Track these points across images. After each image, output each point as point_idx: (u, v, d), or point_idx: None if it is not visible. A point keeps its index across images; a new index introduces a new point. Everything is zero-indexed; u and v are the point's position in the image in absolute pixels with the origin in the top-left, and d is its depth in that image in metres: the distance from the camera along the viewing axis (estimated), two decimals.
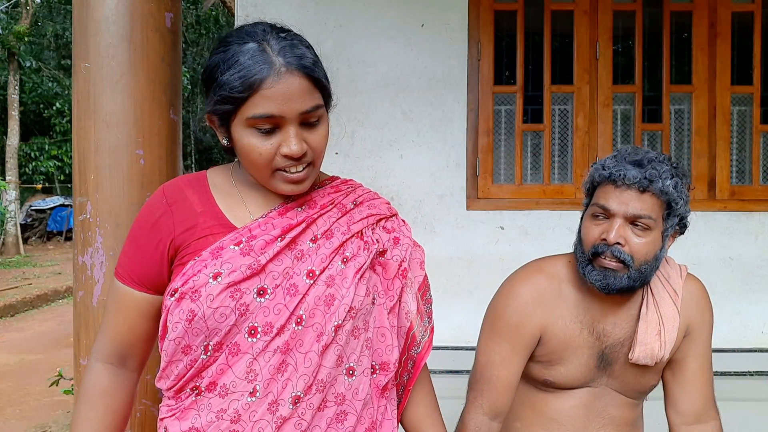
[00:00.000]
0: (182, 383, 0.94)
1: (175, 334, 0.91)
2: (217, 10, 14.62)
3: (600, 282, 1.24)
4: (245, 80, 0.87)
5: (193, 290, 0.90)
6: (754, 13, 2.91)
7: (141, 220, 0.99)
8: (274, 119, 0.89)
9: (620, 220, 1.22)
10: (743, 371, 2.57)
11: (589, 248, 1.26)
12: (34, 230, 15.12)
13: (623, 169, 1.22)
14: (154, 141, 1.47)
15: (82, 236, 1.46)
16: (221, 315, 0.89)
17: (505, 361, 1.32)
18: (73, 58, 1.47)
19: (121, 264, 1.00)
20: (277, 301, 0.92)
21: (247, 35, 0.91)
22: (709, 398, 1.35)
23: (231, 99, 0.89)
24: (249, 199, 1.00)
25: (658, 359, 1.29)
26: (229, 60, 0.89)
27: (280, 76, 0.88)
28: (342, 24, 2.76)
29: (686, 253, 2.77)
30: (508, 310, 1.33)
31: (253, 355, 0.91)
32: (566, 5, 2.88)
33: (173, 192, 0.99)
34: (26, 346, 5.89)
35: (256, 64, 0.87)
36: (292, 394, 0.91)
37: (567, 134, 3.08)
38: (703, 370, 1.35)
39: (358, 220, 1.03)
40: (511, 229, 2.81)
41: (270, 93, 0.87)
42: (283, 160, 0.92)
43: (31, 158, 15.26)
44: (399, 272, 1.05)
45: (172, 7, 1.52)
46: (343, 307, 0.94)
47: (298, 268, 0.94)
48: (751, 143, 2.96)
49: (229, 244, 0.93)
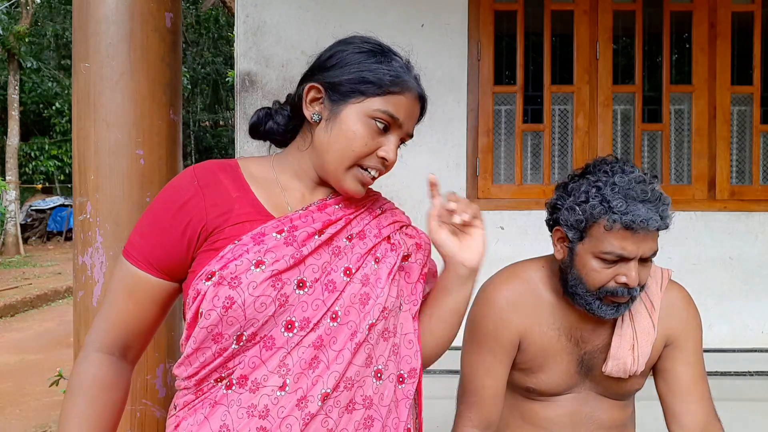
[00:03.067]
0: (206, 372, 0.90)
1: (209, 322, 0.86)
2: (217, 10, 14.62)
3: (613, 314, 1.21)
4: (395, 80, 0.94)
5: (233, 276, 0.86)
6: (754, 13, 2.91)
7: (166, 200, 0.93)
8: (395, 123, 0.95)
9: (635, 262, 1.16)
10: (743, 371, 2.57)
11: (596, 287, 1.20)
12: (34, 230, 15.12)
13: (637, 211, 1.12)
14: (154, 141, 1.47)
15: (82, 236, 1.46)
16: (261, 304, 0.87)
17: (488, 371, 1.30)
18: (73, 58, 1.47)
19: (135, 246, 0.94)
20: (315, 296, 0.91)
21: (389, 48, 0.99)
22: (710, 409, 1.30)
23: (374, 85, 0.92)
24: (288, 191, 0.99)
25: (631, 373, 1.27)
26: (382, 58, 0.95)
27: (414, 96, 0.97)
28: (342, 24, 2.76)
29: (686, 253, 2.77)
30: (485, 319, 1.30)
31: (287, 350, 0.89)
32: (566, 5, 2.88)
33: (205, 174, 0.95)
34: (26, 346, 5.89)
35: (405, 75, 0.96)
36: (321, 391, 0.89)
37: (567, 134, 3.08)
38: (698, 378, 1.30)
39: (387, 225, 1.05)
40: (511, 229, 2.81)
41: (405, 102, 0.95)
42: (373, 160, 0.97)
43: (31, 158, 15.27)
44: (421, 275, 1.06)
45: (172, 7, 1.52)
46: (377, 306, 0.95)
47: (336, 264, 0.94)
48: (751, 143, 2.96)
49: (272, 231, 0.91)
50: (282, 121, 1.02)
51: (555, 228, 1.28)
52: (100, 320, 0.97)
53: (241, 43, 2.76)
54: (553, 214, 1.29)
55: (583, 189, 1.19)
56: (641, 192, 1.14)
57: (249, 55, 2.76)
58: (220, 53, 17.33)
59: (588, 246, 1.19)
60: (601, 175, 1.19)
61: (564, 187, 1.26)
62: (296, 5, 2.77)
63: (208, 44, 17.12)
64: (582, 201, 1.18)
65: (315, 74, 0.97)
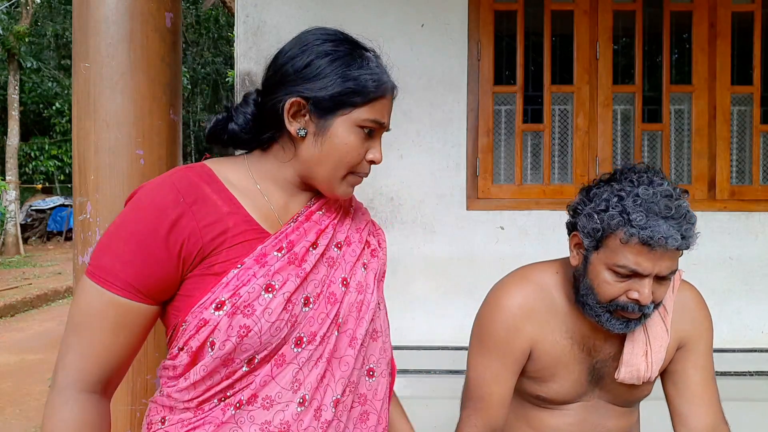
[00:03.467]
0: (211, 394, 0.87)
1: (223, 352, 0.84)
2: (217, 10, 14.62)
3: (621, 329, 1.19)
4: (378, 85, 0.92)
5: (246, 304, 0.83)
6: (754, 13, 2.91)
7: (150, 220, 0.84)
8: (379, 126, 0.95)
9: (650, 279, 1.12)
10: (743, 371, 2.57)
11: (607, 300, 1.17)
12: (34, 230, 15.12)
13: (658, 228, 1.07)
14: (154, 141, 1.47)
15: (82, 236, 1.45)
16: (276, 329, 0.86)
17: (496, 378, 1.27)
18: (73, 58, 1.47)
19: (114, 273, 0.84)
20: (320, 310, 0.92)
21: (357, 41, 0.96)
22: (718, 413, 1.27)
23: (361, 96, 0.91)
24: (272, 199, 0.95)
25: (645, 379, 1.25)
26: (360, 61, 0.93)
27: (391, 93, 0.97)
28: (342, 24, 2.74)
29: (686, 253, 2.76)
30: (496, 324, 1.27)
31: (298, 365, 0.90)
32: (566, 5, 2.88)
33: (190, 188, 0.87)
34: (26, 346, 5.88)
35: (383, 74, 0.95)
36: (333, 398, 0.92)
37: (567, 134, 3.08)
38: (707, 382, 1.28)
39: (363, 227, 1.05)
40: (511, 229, 2.81)
41: (386, 103, 0.95)
42: (364, 165, 0.97)
43: (31, 158, 15.27)
44: (382, 275, 1.09)
45: (172, 7, 1.52)
46: (370, 311, 0.98)
47: (334, 276, 0.95)
48: (751, 143, 2.96)
49: (272, 250, 0.88)
50: (243, 123, 0.96)
51: (573, 233, 1.24)
52: (75, 357, 0.86)
53: (241, 43, 2.77)
54: (573, 218, 1.24)
55: (605, 197, 1.14)
56: (665, 207, 1.08)
57: (249, 55, 2.76)
58: (220, 53, 17.33)
59: (603, 256, 1.15)
60: (626, 184, 1.13)
61: (587, 191, 1.21)
62: (296, 5, 2.77)
63: (208, 44, 17.12)
64: (602, 209, 1.14)
65: (290, 85, 0.91)
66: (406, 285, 2.79)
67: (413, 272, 2.80)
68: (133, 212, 0.86)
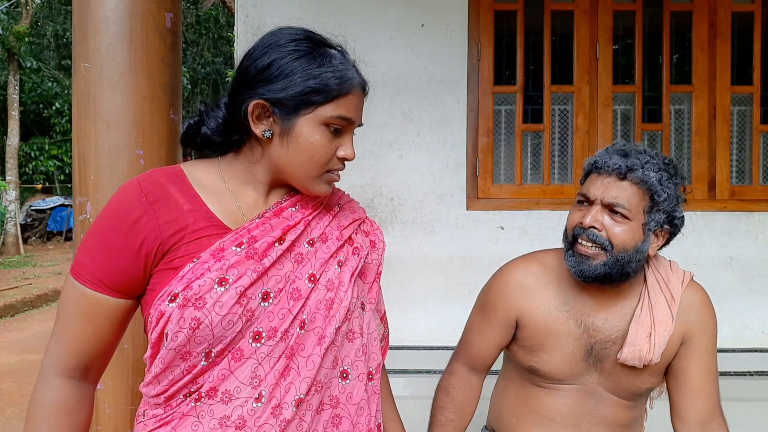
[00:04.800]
0: (175, 389, 0.90)
1: (176, 343, 0.86)
2: (217, 10, 14.62)
3: (575, 268, 1.27)
4: (342, 82, 0.92)
5: (197, 297, 0.85)
6: (754, 13, 2.91)
7: (114, 218, 0.89)
8: (348, 123, 0.94)
9: (598, 206, 1.25)
10: (743, 371, 2.57)
11: (570, 233, 1.30)
12: (34, 230, 15.12)
13: (608, 157, 1.25)
14: (154, 141, 1.47)
15: (82, 236, 1.45)
16: (229, 323, 0.86)
17: (479, 330, 1.44)
18: (73, 58, 1.47)
19: (86, 267, 0.90)
20: (281, 306, 0.91)
21: (321, 39, 0.95)
22: (714, 406, 1.33)
23: (323, 94, 0.90)
24: (240, 197, 0.96)
25: (646, 362, 1.29)
26: (321, 59, 0.92)
27: (359, 89, 0.95)
28: (342, 24, 2.76)
29: (686, 253, 2.77)
30: (491, 289, 1.43)
31: (257, 361, 0.90)
32: (566, 5, 2.88)
33: (154, 188, 0.91)
34: (26, 346, 5.88)
35: (348, 71, 0.93)
36: (295, 397, 0.91)
37: (567, 134, 3.08)
38: (707, 377, 1.33)
39: (347, 225, 1.04)
40: (511, 229, 2.81)
41: (353, 99, 0.94)
42: (336, 163, 0.96)
43: (31, 158, 15.27)
44: (376, 275, 1.08)
45: (172, 7, 1.52)
46: (342, 309, 0.96)
47: (300, 272, 0.94)
48: (751, 143, 2.96)
49: (230, 245, 0.89)
50: (215, 126, 0.97)
51: None
52: (55, 344, 0.93)
53: (241, 43, 2.77)
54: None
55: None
56: (622, 146, 1.28)
57: None
58: (220, 53, 17.33)
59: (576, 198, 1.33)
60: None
61: None
62: (296, 5, 2.77)
63: (208, 44, 17.12)
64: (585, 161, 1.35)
65: (253, 86, 0.92)
66: (406, 285, 2.79)
67: (413, 272, 2.80)
68: (103, 212, 0.92)
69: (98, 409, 1.44)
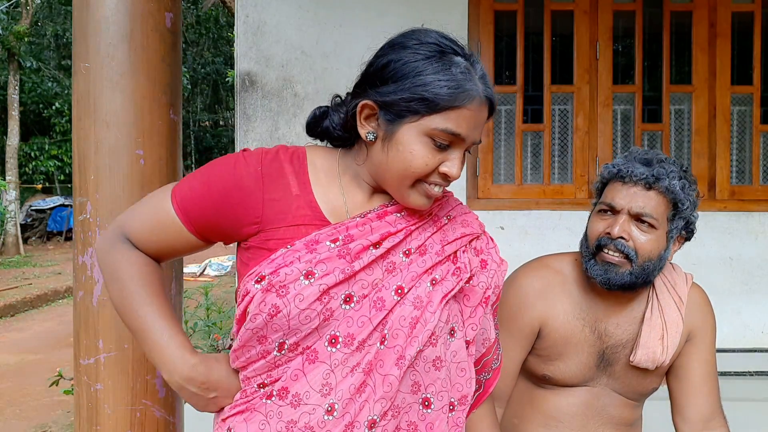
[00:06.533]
0: (251, 371, 0.90)
1: (254, 325, 0.86)
2: (217, 10, 14.62)
3: (601, 276, 1.25)
4: (455, 93, 0.85)
5: (282, 284, 0.84)
6: (754, 13, 2.91)
7: (229, 172, 0.91)
8: (457, 139, 0.88)
9: (625, 216, 1.23)
10: (743, 371, 2.57)
11: (593, 242, 1.27)
12: (34, 230, 15.12)
13: (632, 166, 1.24)
14: (154, 141, 1.47)
15: (82, 236, 1.45)
16: (306, 317, 0.85)
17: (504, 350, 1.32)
18: (73, 58, 1.47)
19: (183, 196, 0.93)
20: (362, 313, 0.87)
21: (453, 44, 0.90)
22: (715, 405, 1.34)
23: (431, 103, 0.85)
24: (349, 193, 0.94)
25: (659, 363, 1.30)
26: (440, 65, 0.86)
27: (480, 103, 0.89)
28: (342, 24, 2.76)
29: (686, 253, 2.75)
30: (510, 300, 1.35)
31: (330, 367, 0.87)
32: (566, 5, 2.88)
33: (272, 163, 0.92)
34: (26, 346, 5.88)
35: (467, 82, 0.87)
36: (368, 418, 0.86)
37: (567, 134, 3.08)
38: (708, 375, 1.34)
39: (452, 240, 0.97)
40: (511, 229, 2.81)
41: (467, 114, 0.87)
42: (436, 177, 0.90)
43: (31, 158, 15.28)
44: (482, 300, 1.00)
45: (172, 7, 1.52)
46: (426, 332, 0.89)
47: (388, 282, 0.89)
48: (751, 143, 2.96)
49: (326, 239, 0.88)
50: (337, 121, 0.95)
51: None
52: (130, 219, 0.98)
53: (241, 43, 2.77)
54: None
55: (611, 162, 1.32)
56: (644, 154, 1.27)
57: (249, 55, 2.76)
58: (220, 53, 17.34)
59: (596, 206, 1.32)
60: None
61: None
62: (296, 5, 2.77)
63: (208, 44, 17.13)
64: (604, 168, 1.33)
65: (368, 86, 0.90)
66: None
67: None
68: (222, 163, 0.94)
69: (98, 409, 1.44)
